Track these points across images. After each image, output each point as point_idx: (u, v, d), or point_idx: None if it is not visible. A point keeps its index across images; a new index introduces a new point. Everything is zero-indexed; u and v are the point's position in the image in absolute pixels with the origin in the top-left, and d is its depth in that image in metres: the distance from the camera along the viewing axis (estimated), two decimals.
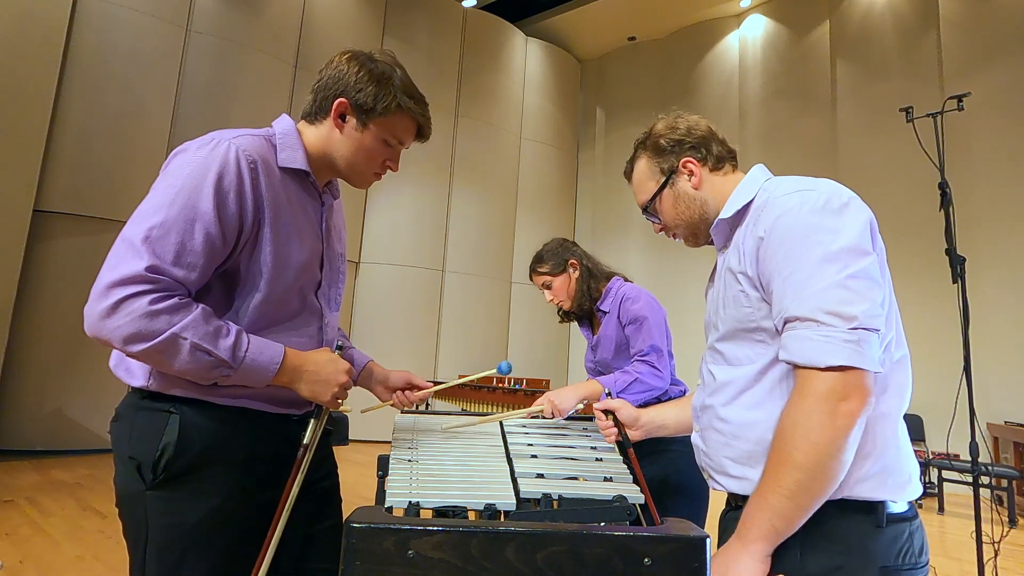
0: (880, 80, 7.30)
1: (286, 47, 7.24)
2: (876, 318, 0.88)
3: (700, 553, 0.78)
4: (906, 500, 0.94)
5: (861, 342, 0.86)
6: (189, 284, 1.03)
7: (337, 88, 1.18)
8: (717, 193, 1.14)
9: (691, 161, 1.16)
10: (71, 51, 5.71)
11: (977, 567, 2.55)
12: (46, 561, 3.00)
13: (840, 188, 0.97)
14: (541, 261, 2.10)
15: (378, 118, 1.18)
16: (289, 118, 1.23)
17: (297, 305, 1.20)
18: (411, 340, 7.99)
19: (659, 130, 1.21)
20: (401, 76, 1.20)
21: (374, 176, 1.26)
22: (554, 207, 9.78)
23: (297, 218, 1.18)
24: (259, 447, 1.15)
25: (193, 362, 1.00)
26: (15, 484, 4.44)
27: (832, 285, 0.88)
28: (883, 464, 0.92)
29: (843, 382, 0.86)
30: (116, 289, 0.96)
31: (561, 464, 1.33)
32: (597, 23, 9.45)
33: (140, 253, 0.99)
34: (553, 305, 2.19)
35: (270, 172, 1.13)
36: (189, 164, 1.07)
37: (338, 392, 1.15)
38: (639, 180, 1.23)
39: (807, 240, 0.92)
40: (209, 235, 1.04)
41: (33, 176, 5.43)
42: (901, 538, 0.92)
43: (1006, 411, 5.84)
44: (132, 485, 1.07)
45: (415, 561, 0.75)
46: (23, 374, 5.45)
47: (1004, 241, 6.22)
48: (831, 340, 0.86)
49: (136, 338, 0.96)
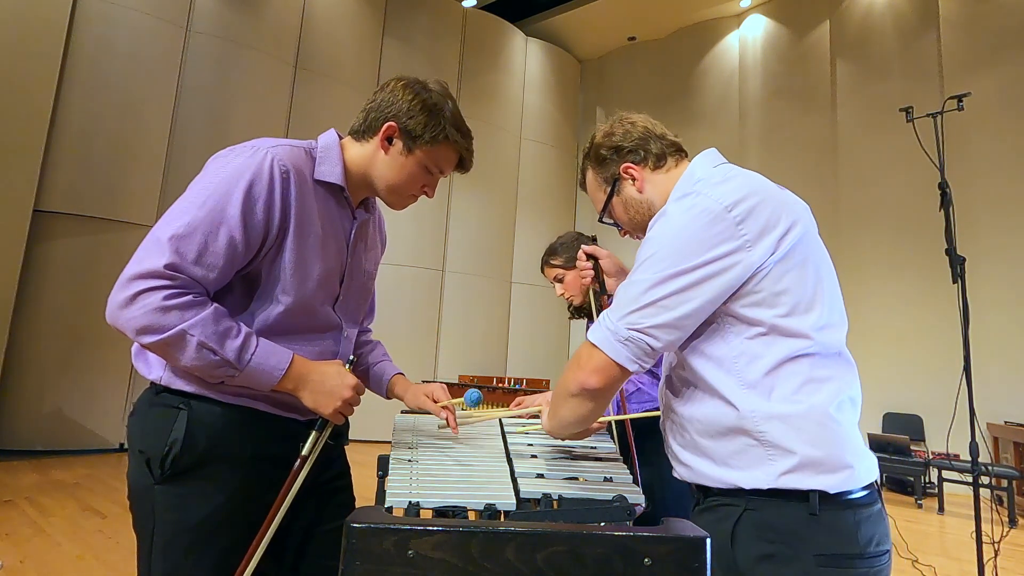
0: (880, 80, 7.30)
1: (286, 47, 7.24)
2: (648, 322, 0.96)
3: (700, 553, 0.78)
4: (844, 489, 0.93)
5: (616, 332, 0.98)
6: (207, 284, 1.06)
7: (388, 112, 1.21)
8: (662, 191, 1.16)
9: (630, 166, 1.17)
10: (71, 51, 5.71)
11: (977, 567, 2.55)
12: (46, 561, 3.00)
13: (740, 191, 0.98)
14: (555, 253, 2.07)
15: (424, 146, 1.21)
16: (335, 133, 1.27)
17: (315, 316, 1.21)
18: (411, 340, 7.99)
19: (598, 140, 1.22)
20: (452, 108, 1.24)
21: (410, 199, 1.28)
22: (554, 207, 9.78)
23: (324, 230, 1.20)
24: (266, 447, 1.15)
25: (199, 359, 1.03)
26: (15, 484, 4.45)
27: (626, 284, 0.99)
28: (813, 457, 0.93)
29: (590, 354, 1.01)
30: (135, 282, 1.01)
31: (561, 464, 1.33)
32: (597, 23, 9.45)
33: (163, 250, 1.02)
34: (552, 305, 2.19)
35: (302, 182, 1.16)
36: (224, 168, 1.10)
37: (341, 407, 1.14)
38: (590, 192, 1.27)
39: (649, 242, 1.01)
40: (232, 239, 1.07)
41: (33, 176, 5.43)
42: (843, 526, 0.92)
43: (1006, 411, 5.84)
44: (142, 479, 1.10)
45: (415, 561, 0.75)
46: (23, 374, 5.45)
47: (1004, 241, 6.22)
48: (600, 324, 1.01)
49: (147, 330, 1.01)
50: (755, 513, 0.95)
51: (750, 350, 0.96)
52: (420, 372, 7.85)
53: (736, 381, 0.97)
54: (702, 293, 0.95)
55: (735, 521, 0.95)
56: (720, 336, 0.99)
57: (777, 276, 0.95)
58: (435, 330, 8.33)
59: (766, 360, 0.96)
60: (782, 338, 0.96)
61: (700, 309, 0.96)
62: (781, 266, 0.96)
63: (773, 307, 0.96)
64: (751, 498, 0.95)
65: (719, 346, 0.99)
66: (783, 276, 0.96)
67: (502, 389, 5.96)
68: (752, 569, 0.93)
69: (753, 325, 0.96)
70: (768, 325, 0.96)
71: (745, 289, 0.96)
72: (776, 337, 0.96)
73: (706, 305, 0.96)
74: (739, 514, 0.96)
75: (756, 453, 0.95)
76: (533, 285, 9.14)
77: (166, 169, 6.24)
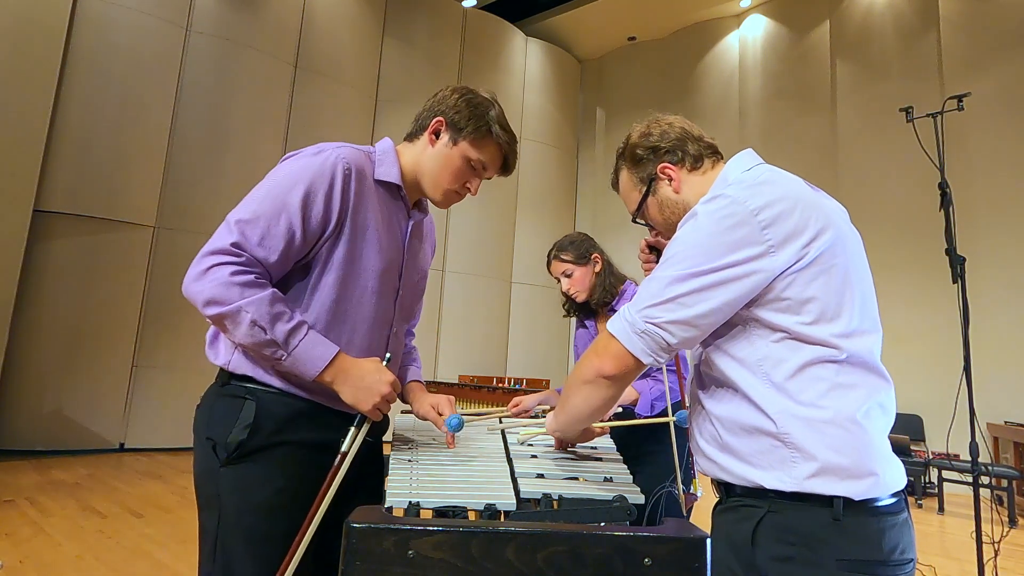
0: (880, 80, 7.30)
1: (286, 47, 7.24)
2: (665, 317, 0.97)
3: (700, 553, 0.78)
4: (868, 496, 0.93)
5: (634, 325, 0.99)
6: (268, 266, 1.16)
7: (437, 110, 1.32)
8: (698, 192, 1.15)
9: (668, 166, 1.18)
10: (71, 51, 5.71)
11: (977, 567, 2.55)
12: (46, 561, 3.00)
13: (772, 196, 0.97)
14: (565, 249, 2.12)
15: (469, 138, 1.29)
16: (390, 140, 1.37)
17: (370, 308, 1.27)
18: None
19: (634, 140, 1.23)
20: (498, 112, 1.32)
21: (454, 195, 1.35)
22: (554, 207, 9.78)
23: (382, 227, 1.27)
24: (325, 434, 1.20)
25: (251, 336, 1.11)
26: (15, 484, 4.44)
27: (658, 279, 0.99)
28: (837, 462, 0.92)
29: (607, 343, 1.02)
30: (207, 257, 1.12)
31: (561, 464, 1.33)
32: (597, 23, 9.45)
33: (231, 231, 1.14)
34: (553, 305, 2.22)
35: (363, 181, 1.25)
36: (293, 165, 1.21)
37: (379, 403, 1.18)
38: (624, 191, 1.26)
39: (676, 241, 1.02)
40: (291, 226, 1.16)
41: (33, 176, 5.43)
42: (866, 533, 0.92)
43: (1006, 411, 5.84)
44: (207, 463, 1.17)
45: (415, 561, 0.75)
46: (23, 374, 5.44)
47: (1004, 241, 6.22)
48: (620, 315, 1.02)
49: (213, 301, 1.10)
50: (777, 515, 0.95)
51: (775, 354, 0.97)
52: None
53: (762, 382, 0.97)
54: (721, 295, 0.95)
55: (757, 522, 0.95)
56: (745, 338, 0.99)
57: (804, 283, 0.95)
58: (435, 330, 8.33)
59: (791, 364, 0.96)
60: (806, 344, 0.96)
61: (718, 310, 0.96)
62: (807, 273, 0.95)
63: (798, 314, 0.96)
64: (774, 500, 0.95)
65: (744, 348, 0.99)
66: (810, 283, 0.95)
67: (502, 389, 5.96)
68: (773, 571, 0.93)
69: (776, 330, 0.97)
70: (792, 332, 0.96)
71: (769, 295, 0.96)
72: (800, 343, 0.96)
73: (724, 307, 0.96)
74: (761, 515, 0.95)
75: (780, 454, 0.95)
76: (533, 285, 9.14)
77: (166, 169, 6.24)
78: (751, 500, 0.98)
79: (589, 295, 2.10)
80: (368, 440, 1.24)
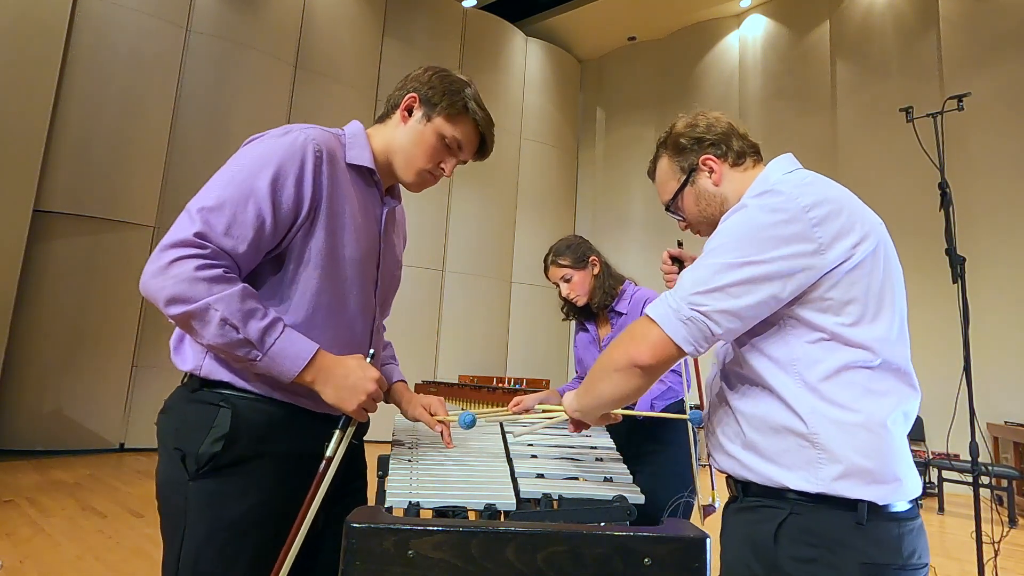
0: (880, 80, 7.30)
1: (286, 47, 7.24)
2: (711, 305, 0.95)
3: (700, 553, 0.78)
4: (892, 501, 0.94)
5: (679, 311, 0.96)
6: (237, 257, 1.06)
7: (409, 87, 1.25)
8: (737, 189, 1.15)
9: (711, 158, 1.17)
10: (71, 51, 5.70)
11: (977, 567, 2.55)
12: (46, 561, 3.00)
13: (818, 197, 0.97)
14: (562, 254, 2.11)
15: (443, 114, 1.22)
16: (359, 122, 1.29)
17: (350, 300, 1.19)
18: (411, 340, 7.99)
19: (679, 128, 1.22)
20: (474, 91, 1.26)
21: (428, 176, 1.26)
22: (554, 207, 9.78)
23: (357, 214, 1.19)
24: (305, 443, 1.13)
25: (221, 336, 1.01)
26: (15, 484, 4.44)
27: (704, 266, 0.97)
28: (864, 466, 0.92)
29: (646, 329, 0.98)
30: (169, 251, 1.01)
31: (561, 464, 1.33)
32: (597, 23, 9.45)
33: (194, 220, 1.03)
34: (552, 305, 2.21)
35: (335, 165, 1.16)
36: (258, 147, 1.11)
37: (365, 402, 1.10)
38: (661, 179, 1.25)
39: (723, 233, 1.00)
40: (260, 212, 1.06)
41: (33, 176, 5.42)
42: (887, 538, 0.92)
43: (1006, 411, 5.84)
44: (174, 476, 1.07)
45: (415, 561, 0.75)
46: (23, 374, 5.44)
47: (1004, 241, 6.22)
48: (662, 301, 0.99)
49: (176, 300, 1.00)
50: (800, 517, 0.94)
51: (810, 354, 0.96)
52: (420, 372, 7.85)
53: (795, 383, 0.97)
54: (768, 288, 0.94)
55: (779, 523, 0.95)
56: (781, 337, 0.99)
57: (847, 284, 0.95)
58: (435, 330, 8.32)
59: (826, 365, 0.96)
60: (843, 346, 0.96)
61: (764, 303, 0.95)
62: (852, 275, 0.95)
63: (839, 315, 0.95)
64: (796, 501, 0.95)
65: (779, 347, 0.98)
66: (853, 285, 0.96)
67: (502, 389, 5.96)
68: (795, 571, 0.93)
69: (815, 330, 0.96)
70: (830, 332, 0.95)
71: (813, 294, 0.96)
72: (838, 344, 0.96)
73: (770, 301, 0.95)
74: (783, 516, 0.95)
75: (807, 454, 0.95)
76: (533, 285, 9.13)
77: (166, 169, 6.24)
78: (770, 500, 0.98)
79: (589, 299, 2.09)
80: (353, 443, 1.16)
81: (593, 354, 2.18)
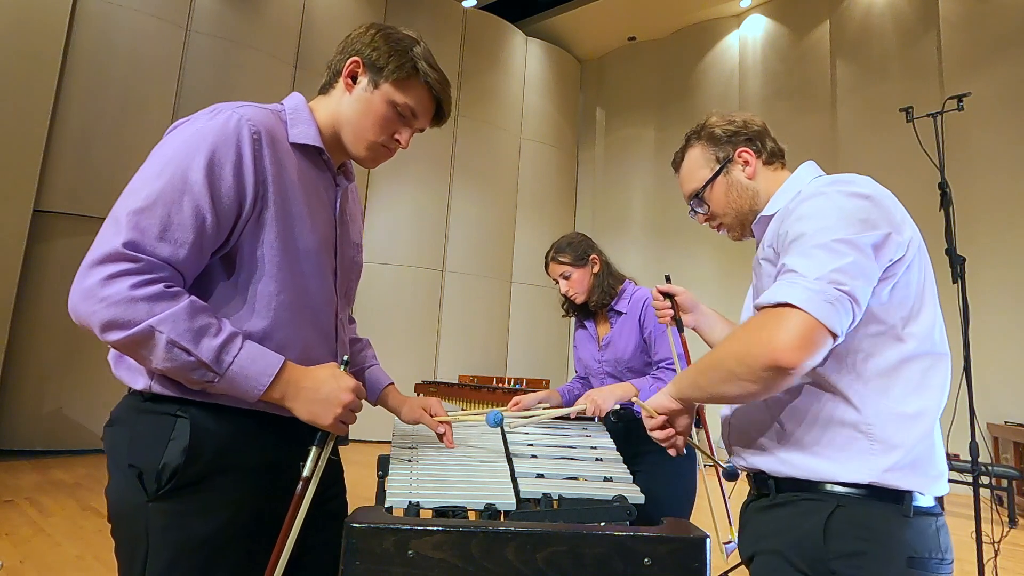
0: (880, 80, 7.30)
1: (286, 47, 7.24)
2: (851, 284, 0.87)
3: (700, 553, 0.78)
4: (933, 495, 0.95)
5: (824, 293, 0.85)
6: (178, 264, 0.93)
7: (351, 50, 1.12)
8: (768, 187, 1.17)
9: (747, 151, 1.19)
10: (71, 51, 5.70)
11: (977, 567, 2.55)
12: (46, 561, 3.00)
13: (879, 189, 0.99)
14: (562, 251, 2.11)
15: (391, 78, 1.09)
16: (300, 95, 1.16)
17: (313, 296, 1.08)
18: (411, 340, 7.99)
19: (715, 121, 1.24)
20: (423, 49, 1.13)
21: (381, 149, 1.14)
22: (554, 207, 9.78)
23: (308, 199, 1.08)
24: (275, 453, 1.03)
25: (171, 360, 0.89)
26: (15, 484, 4.44)
27: (819, 246, 0.91)
28: (915, 456, 0.93)
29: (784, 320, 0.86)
30: (96, 269, 0.89)
31: (561, 464, 1.33)
32: (597, 23, 9.44)
33: (121, 228, 0.90)
34: (552, 305, 2.22)
35: (277, 146, 1.04)
36: (186, 133, 0.98)
37: (341, 414, 0.99)
38: (690, 168, 1.24)
39: (818, 216, 0.94)
40: (199, 208, 0.93)
41: (33, 176, 5.43)
42: (928, 532, 0.93)
43: (1006, 411, 5.84)
44: (130, 496, 0.95)
45: (415, 561, 0.75)
46: (23, 374, 5.44)
47: (1004, 241, 6.21)
48: (794, 284, 0.87)
49: (112, 325, 0.87)
50: (847, 510, 0.93)
51: (868, 347, 0.95)
52: (420, 372, 7.84)
53: (853, 376, 0.95)
54: (877, 270, 0.92)
55: (827, 516, 0.93)
56: None
57: (906, 276, 0.96)
58: (435, 330, 8.32)
59: (884, 359, 0.95)
60: (898, 340, 0.96)
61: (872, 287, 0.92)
62: (911, 266, 0.97)
63: (899, 307, 0.95)
64: (844, 495, 0.94)
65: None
66: (910, 275, 0.96)
67: (502, 389, 5.96)
68: (842, 567, 0.91)
69: (878, 322, 0.95)
70: (890, 324, 0.95)
71: (880, 284, 0.95)
72: (894, 339, 0.96)
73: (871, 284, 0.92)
74: (830, 510, 0.93)
75: (859, 445, 0.93)
76: (533, 285, 9.13)
77: None
78: (810, 494, 0.96)
79: (588, 296, 2.10)
80: (332, 459, 1.05)
81: (592, 352, 2.18)
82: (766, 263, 1.06)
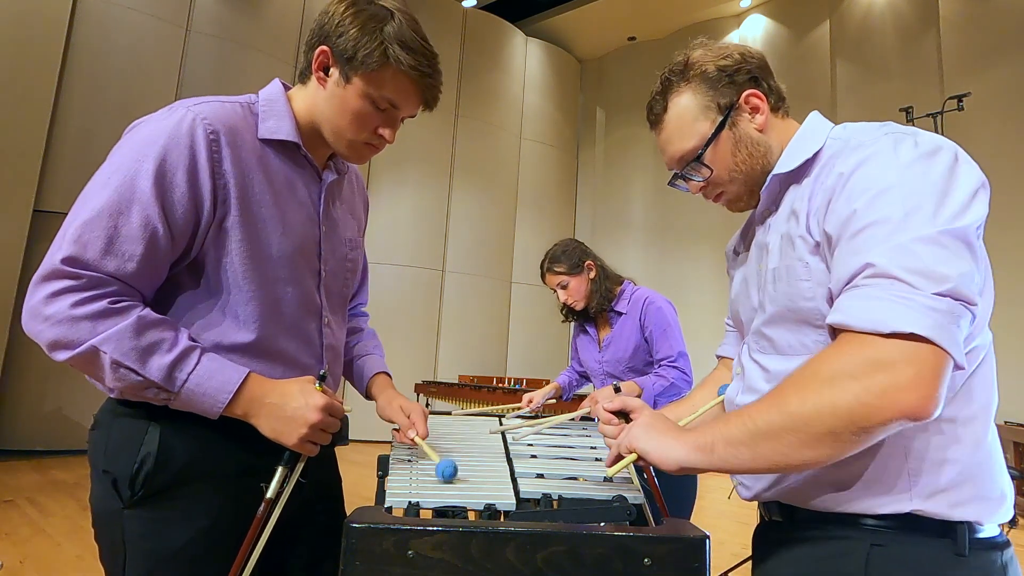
0: (880, 80, 7.30)
1: (286, 47, 7.24)
2: (971, 290, 0.66)
3: (700, 553, 0.78)
4: (996, 523, 0.75)
5: (951, 314, 0.63)
6: (127, 278, 0.87)
7: (321, 34, 0.98)
8: (778, 142, 0.91)
9: (755, 95, 0.90)
10: (71, 51, 5.71)
11: None
12: (46, 561, 3.00)
13: (942, 139, 0.75)
14: (558, 261, 2.12)
15: (362, 70, 0.95)
16: (280, 83, 1.07)
17: (288, 303, 1.02)
18: (411, 340, 7.99)
19: (702, 56, 0.92)
20: (398, 24, 0.96)
21: (366, 147, 1.03)
22: (554, 207, 9.78)
23: (280, 200, 1.00)
24: (255, 459, 0.97)
25: (119, 380, 0.85)
26: (15, 484, 4.45)
27: (922, 239, 0.66)
28: (969, 473, 0.73)
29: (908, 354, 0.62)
30: (40, 286, 0.85)
31: (561, 464, 1.33)
32: (597, 23, 9.45)
33: (64, 243, 0.85)
34: (553, 305, 2.22)
35: (239, 145, 0.95)
36: (137, 136, 0.92)
37: (308, 434, 0.92)
38: (681, 122, 0.93)
39: (897, 190, 0.70)
40: (148, 219, 0.87)
41: (33, 176, 5.43)
42: (991, 570, 0.73)
43: (1006, 411, 5.84)
44: (108, 503, 0.92)
45: (415, 561, 0.75)
46: (23, 374, 5.45)
47: (1004, 241, 6.22)
48: (909, 302, 0.64)
49: (58, 346, 0.85)
50: (884, 549, 0.73)
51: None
52: (420, 372, 7.84)
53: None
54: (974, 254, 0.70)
55: (866, 558, 0.74)
56: None
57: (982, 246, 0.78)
58: (435, 330, 8.33)
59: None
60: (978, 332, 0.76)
61: None
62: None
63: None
64: (876, 529, 0.74)
65: None
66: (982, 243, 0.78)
67: (502, 389, 5.96)
68: None
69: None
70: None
71: None
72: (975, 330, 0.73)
73: None
74: (865, 550, 0.74)
75: (893, 465, 0.74)
76: (533, 285, 9.14)
77: None
78: (835, 529, 0.77)
79: (586, 303, 2.11)
80: (301, 482, 0.96)
81: (593, 355, 2.19)
82: (803, 243, 0.79)
